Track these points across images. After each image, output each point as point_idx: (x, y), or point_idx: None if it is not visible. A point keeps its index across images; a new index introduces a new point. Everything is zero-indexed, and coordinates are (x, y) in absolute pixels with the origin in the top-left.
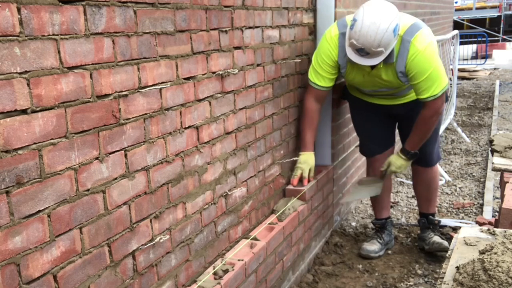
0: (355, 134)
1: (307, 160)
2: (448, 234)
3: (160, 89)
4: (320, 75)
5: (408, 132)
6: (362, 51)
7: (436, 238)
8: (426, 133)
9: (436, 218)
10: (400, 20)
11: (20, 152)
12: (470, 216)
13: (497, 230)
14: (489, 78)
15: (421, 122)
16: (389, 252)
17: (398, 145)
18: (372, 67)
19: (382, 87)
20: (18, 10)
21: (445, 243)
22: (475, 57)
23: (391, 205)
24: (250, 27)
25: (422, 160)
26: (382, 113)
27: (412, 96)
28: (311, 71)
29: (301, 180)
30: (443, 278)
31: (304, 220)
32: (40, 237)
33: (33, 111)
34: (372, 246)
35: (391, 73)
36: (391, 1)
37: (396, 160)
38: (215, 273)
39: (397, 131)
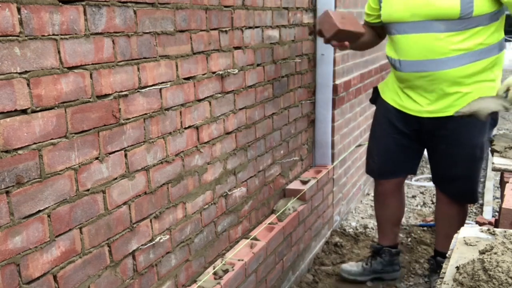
0: (355, 134)
1: None
2: None
3: (160, 89)
4: (366, 14)
5: (442, 164)
6: None
7: None
8: None
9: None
10: None
11: (20, 152)
12: (470, 216)
13: (497, 230)
14: None
15: None
16: None
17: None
18: None
19: (433, 16)
20: (18, 10)
21: None
22: None
23: None
24: (250, 27)
25: (468, 196)
26: (413, 129)
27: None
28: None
29: None
30: (443, 278)
31: (304, 220)
32: (40, 237)
33: (33, 111)
34: (353, 268)
35: None
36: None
37: None
38: (215, 273)
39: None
